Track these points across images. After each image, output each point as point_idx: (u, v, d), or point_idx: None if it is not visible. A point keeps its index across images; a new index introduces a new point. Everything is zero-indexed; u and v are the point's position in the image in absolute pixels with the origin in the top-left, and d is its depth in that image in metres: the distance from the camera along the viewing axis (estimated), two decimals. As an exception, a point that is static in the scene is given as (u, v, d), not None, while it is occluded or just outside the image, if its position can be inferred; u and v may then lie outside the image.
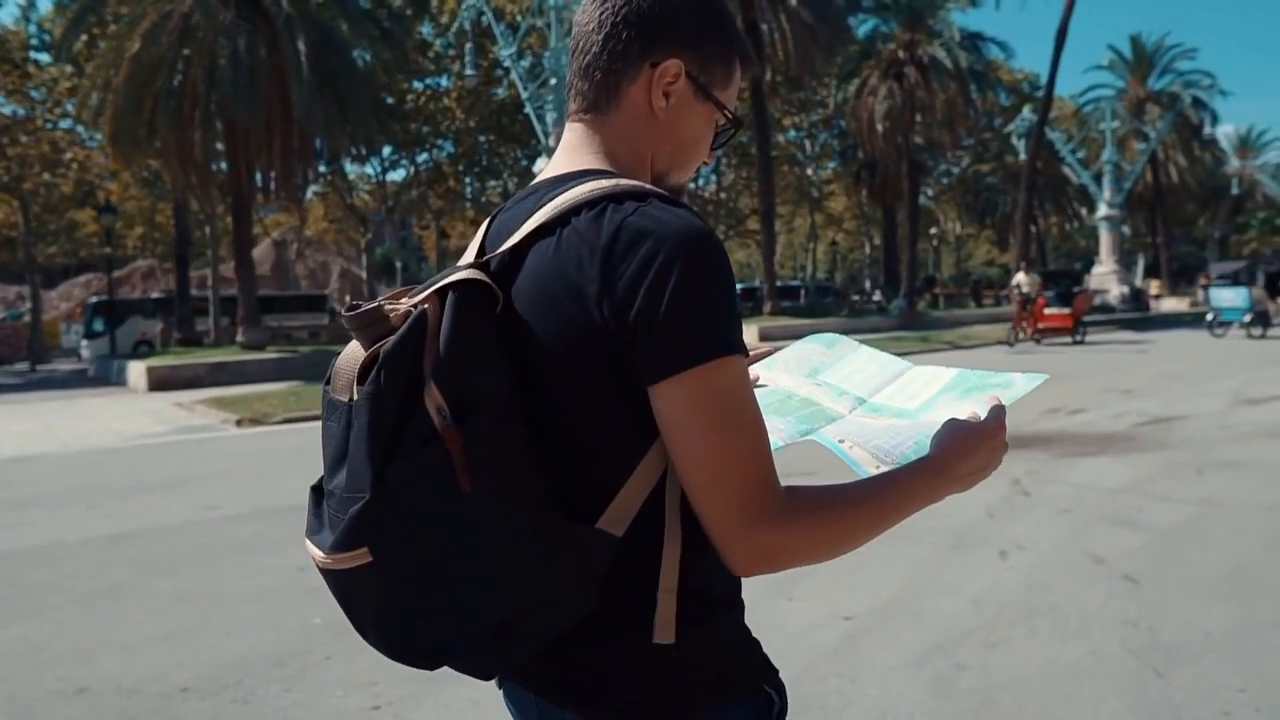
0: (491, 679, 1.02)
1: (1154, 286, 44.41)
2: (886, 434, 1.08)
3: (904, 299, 31.64)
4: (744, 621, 1.03)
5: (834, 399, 1.19)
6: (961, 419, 1.05)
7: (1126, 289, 39.53)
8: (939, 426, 1.05)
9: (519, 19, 27.85)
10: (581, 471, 0.94)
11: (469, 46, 26.76)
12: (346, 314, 0.93)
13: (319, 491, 0.98)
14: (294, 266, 53.26)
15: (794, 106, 40.38)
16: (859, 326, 28.37)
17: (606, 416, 0.93)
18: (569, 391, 0.93)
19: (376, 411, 0.87)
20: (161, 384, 17.20)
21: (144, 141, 19.86)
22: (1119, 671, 3.34)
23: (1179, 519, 5.45)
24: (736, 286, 0.97)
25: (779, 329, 24.80)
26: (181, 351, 22.04)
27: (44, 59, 29.40)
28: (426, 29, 33.77)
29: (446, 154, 37.30)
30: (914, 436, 1.06)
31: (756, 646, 1.03)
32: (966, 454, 1.02)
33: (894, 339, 23.78)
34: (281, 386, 15.83)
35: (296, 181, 21.51)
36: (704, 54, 1.05)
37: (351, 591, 0.94)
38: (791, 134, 44.23)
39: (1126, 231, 51.52)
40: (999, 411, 1.07)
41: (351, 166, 38.93)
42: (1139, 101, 48.23)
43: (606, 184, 0.95)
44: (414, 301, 0.91)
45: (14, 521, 6.55)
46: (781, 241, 61.90)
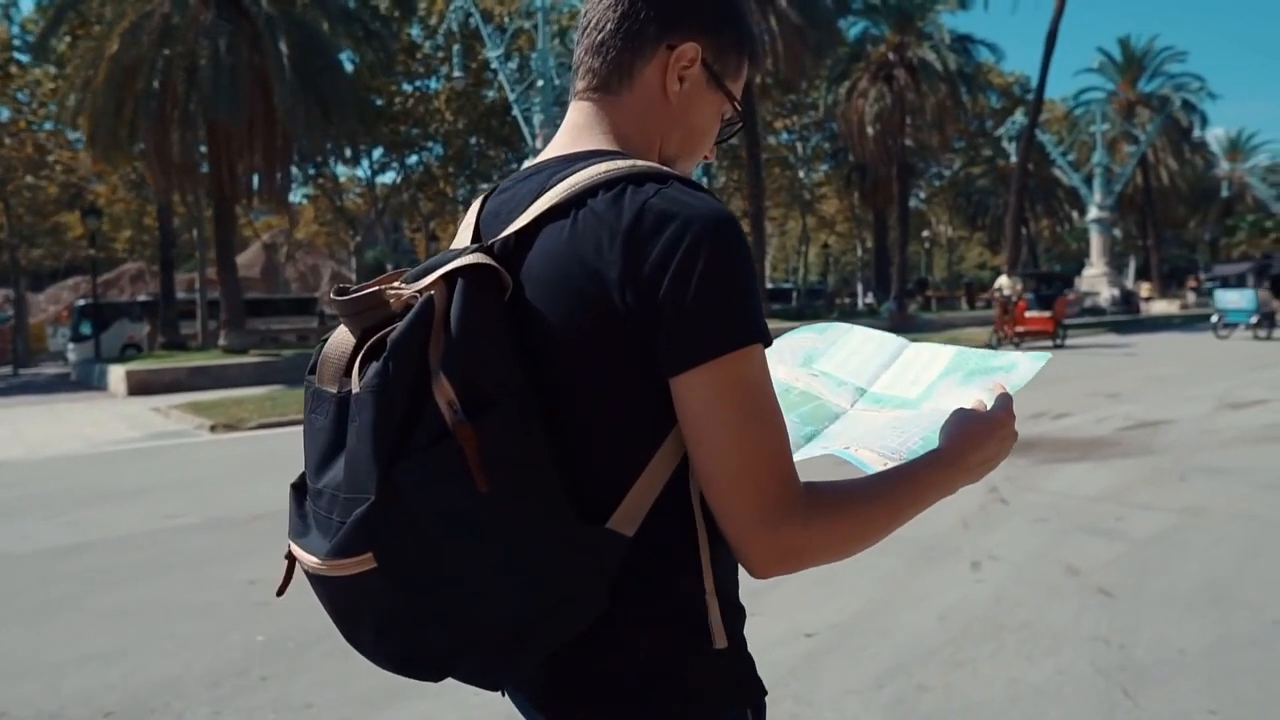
0: (500, 689, 0.96)
1: (1144, 289, 44.43)
2: (892, 431, 1.06)
3: (894, 301, 31.56)
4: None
5: (834, 390, 1.17)
6: (968, 408, 1.03)
7: (1117, 291, 39.51)
8: (945, 417, 1.02)
9: (507, 21, 27.69)
10: (591, 468, 0.90)
11: (457, 48, 26.66)
12: (336, 297, 0.87)
13: (300, 490, 0.92)
14: (284, 269, 53.01)
15: (785, 109, 40.28)
16: (849, 329, 28.26)
17: (619, 409, 0.89)
18: (580, 382, 0.89)
19: (383, 406, 0.80)
20: (141, 388, 17.01)
21: (125, 143, 19.66)
22: (1087, 692, 3.20)
23: (1158, 528, 5.32)
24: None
25: (772, 331, 24.69)
26: (164, 355, 21.83)
27: (26, 60, 29.15)
28: (416, 31, 33.62)
29: (436, 156, 37.10)
30: (920, 431, 1.04)
31: (751, 658, 0.99)
32: (977, 445, 1.00)
33: (882, 342, 23.71)
34: (261, 391, 15.64)
35: (280, 183, 21.30)
36: (720, 42, 1.02)
37: (347, 600, 0.86)
38: (784, 136, 44.13)
39: (1117, 234, 51.61)
40: (1006, 400, 1.05)
41: (342, 169, 38.84)
42: (1129, 104, 48.25)
43: (623, 164, 0.91)
44: (419, 287, 0.85)
45: (-34, 532, 6.38)
46: (774, 244, 61.84)
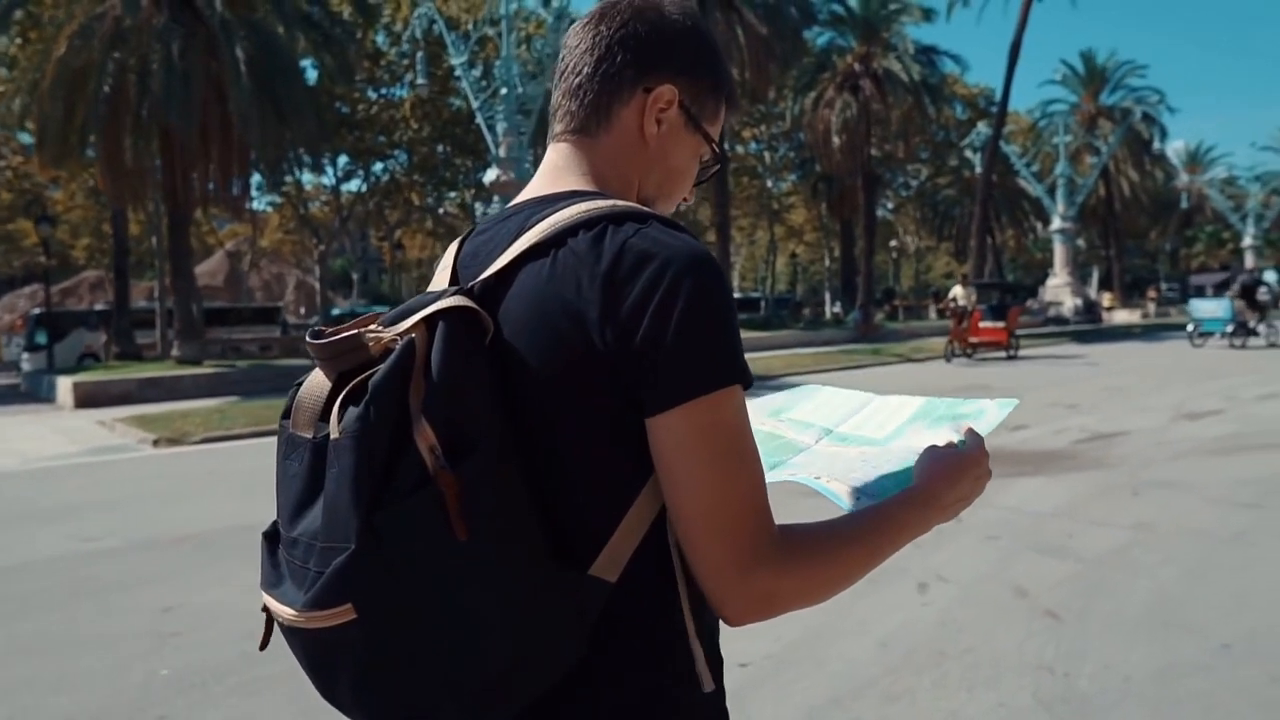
0: None
1: (1106, 299, 44.89)
2: (860, 465, 1.04)
3: (859, 311, 31.61)
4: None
5: (799, 431, 1.18)
6: (940, 446, 1.03)
7: (1080, 301, 39.88)
8: (917, 454, 1.02)
9: (470, 28, 27.47)
10: (574, 512, 0.89)
11: (420, 55, 26.40)
12: (313, 341, 0.85)
13: (272, 538, 0.89)
14: (248, 278, 52.29)
15: (753, 119, 40.34)
16: (815, 339, 28.30)
17: (599, 452, 0.88)
18: (562, 424, 0.88)
19: (364, 451, 0.79)
20: (88, 400, 16.52)
21: (76, 148, 19.20)
22: (1026, 727, 3.05)
23: (1109, 545, 5.21)
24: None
25: (734, 341, 24.59)
26: (116, 366, 21.32)
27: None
28: (381, 38, 33.29)
29: (400, 164, 36.74)
30: (888, 465, 1.03)
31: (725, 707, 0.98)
32: (952, 483, 0.99)
33: (846, 351, 23.71)
34: (213, 403, 15.28)
35: (238, 191, 20.91)
36: (697, 86, 1.03)
37: (324, 653, 0.83)
38: (752, 146, 44.21)
39: (1081, 244, 52.19)
40: (978, 439, 1.04)
41: (308, 177, 38.36)
42: (1091, 116, 48.87)
43: (603, 204, 0.91)
44: (399, 330, 0.84)
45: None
46: (743, 254, 61.97)
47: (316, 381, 0.87)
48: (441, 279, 0.99)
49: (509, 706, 0.87)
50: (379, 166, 37.09)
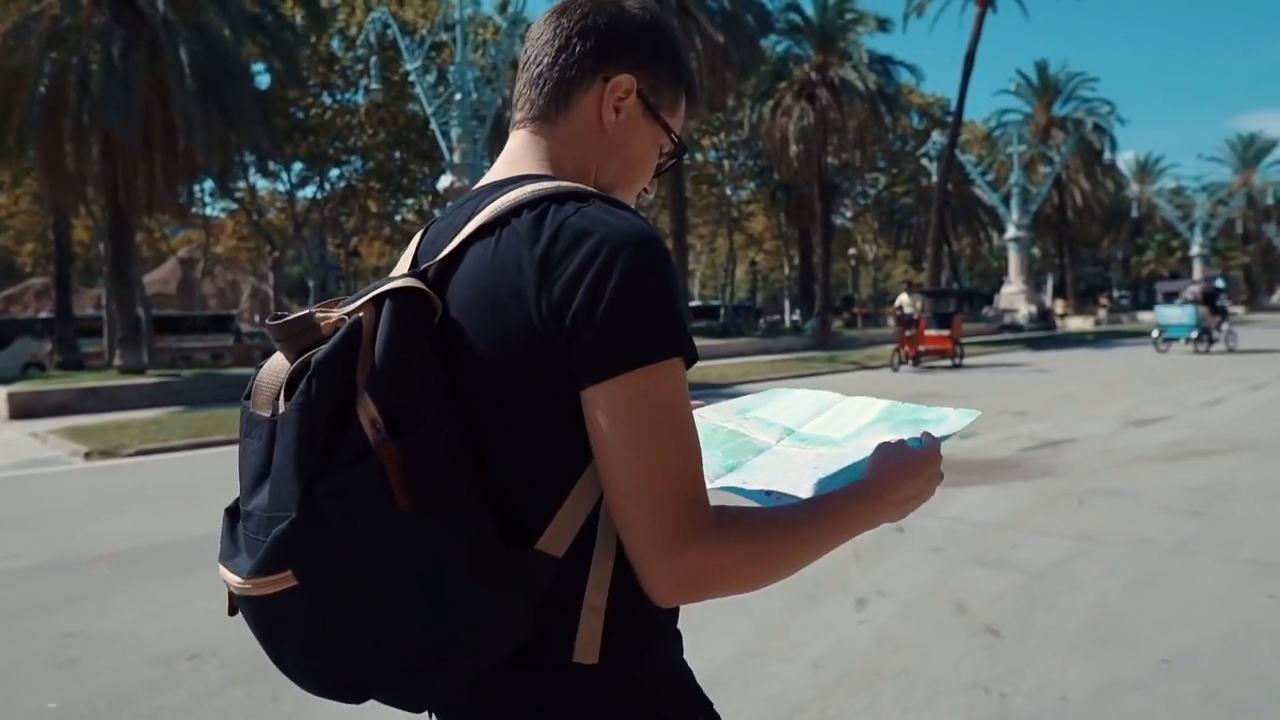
0: (422, 711, 0.95)
1: (1059, 306, 45.51)
2: (813, 470, 1.03)
3: (817, 318, 31.70)
4: (680, 652, 0.99)
5: (761, 430, 1.17)
6: (893, 442, 1.01)
7: (1035, 308, 40.39)
8: (869, 452, 1.00)
9: (425, 33, 27.19)
10: (518, 488, 0.90)
11: (374, 60, 26.06)
12: (271, 323, 0.88)
13: (234, 514, 0.93)
14: (200, 285, 51.34)
15: (712, 127, 40.39)
16: (772, 346, 28.31)
17: (545, 428, 0.89)
18: (507, 401, 0.89)
19: (306, 424, 0.82)
20: (24, 411, 15.93)
21: (13, 152, 18.64)
22: (958, 754, 2.91)
23: (1052, 557, 5.12)
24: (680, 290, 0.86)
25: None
26: (57, 376, 20.73)
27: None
28: (336, 43, 32.86)
29: (354, 170, 36.24)
30: (840, 462, 1.02)
31: (690, 679, 0.98)
32: (902, 479, 0.97)
33: (803, 359, 23.71)
34: (153, 414, 14.86)
35: (183, 196, 20.42)
36: (656, 76, 1.05)
37: (271, 620, 0.86)
38: (712, 154, 44.27)
39: (1036, 252, 52.95)
40: (934, 441, 1.03)
41: (263, 183, 37.77)
42: (1044, 126, 49.64)
43: (548, 185, 0.93)
44: (347, 310, 0.87)
45: None
46: (703, 261, 62.07)
47: (277, 362, 0.89)
48: (403, 265, 1.01)
49: (452, 680, 0.88)
50: (335, 173, 36.61)
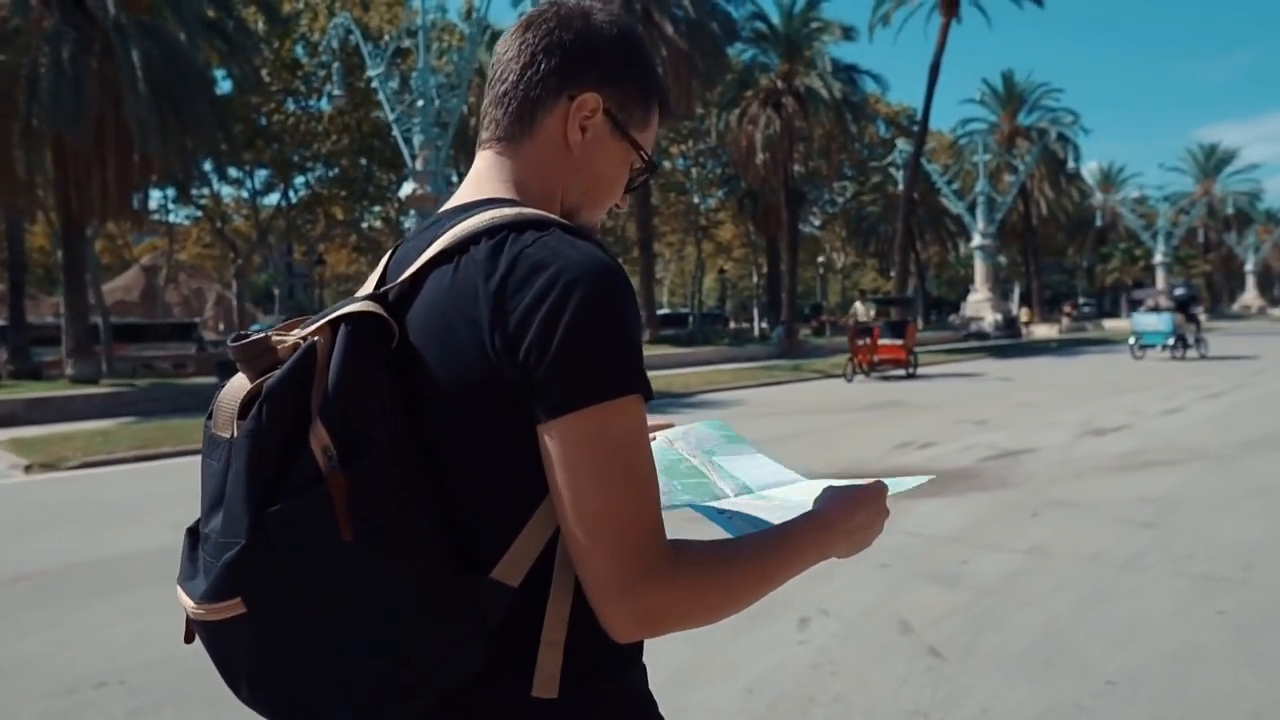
0: None
1: (1024, 314, 45.90)
2: (769, 511, 1.05)
3: (783, 327, 31.70)
4: (644, 683, 0.98)
5: (722, 479, 1.18)
6: (841, 484, 1.04)
7: (1000, 316, 40.68)
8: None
9: (387, 39, 26.93)
10: (475, 517, 0.89)
11: (337, 65, 25.77)
12: (232, 344, 0.88)
13: (194, 534, 0.92)
14: (164, 293, 50.56)
15: (680, 135, 40.38)
16: (739, 355, 28.26)
17: (501, 458, 0.88)
18: (462, 429, 0.88)
19: (256, 450, 0.82)
20: (-33, 423, 15.54)
21: (-39, 157, 18.16)
22: (890, 788, 2.78)
23: (1003, 572, 5.01)
24: (640, 324, 0.90)
25: (660, 357, 24.50)
26: (7, 385, 20.21)
27: None
28: (300, 49, 32.47)
29: (318, 177, 35.80)
30: (796, 509, 1.02)
31: (653, 710, 0.98)
32: (851, 509, 0.99)
33: (767, 368, 23.67)
34: (102, 424, 14.47)
35: (137, 203, 20.01)
36: (623, 93, 1.03)
37: (224, 645, 0.86)
38: (679, 162, 44.25)
39: (1002, 260, 53.40)
40: (880, 483, 1.05)
41: (228, 190, 37.23)
42: (1010, 136, 50.12)
43: (509, 212, 0.92)
44: (304, 333, 0.86)
45: None
46: (673, 270, 62.09)
47: (238, 383, 0.88)
48: (370, 285, 0.99)
49: (405, 708, 0.87)
50: (300, 180, 36.13)
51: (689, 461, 1.19)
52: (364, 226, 41.98)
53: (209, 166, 28.44)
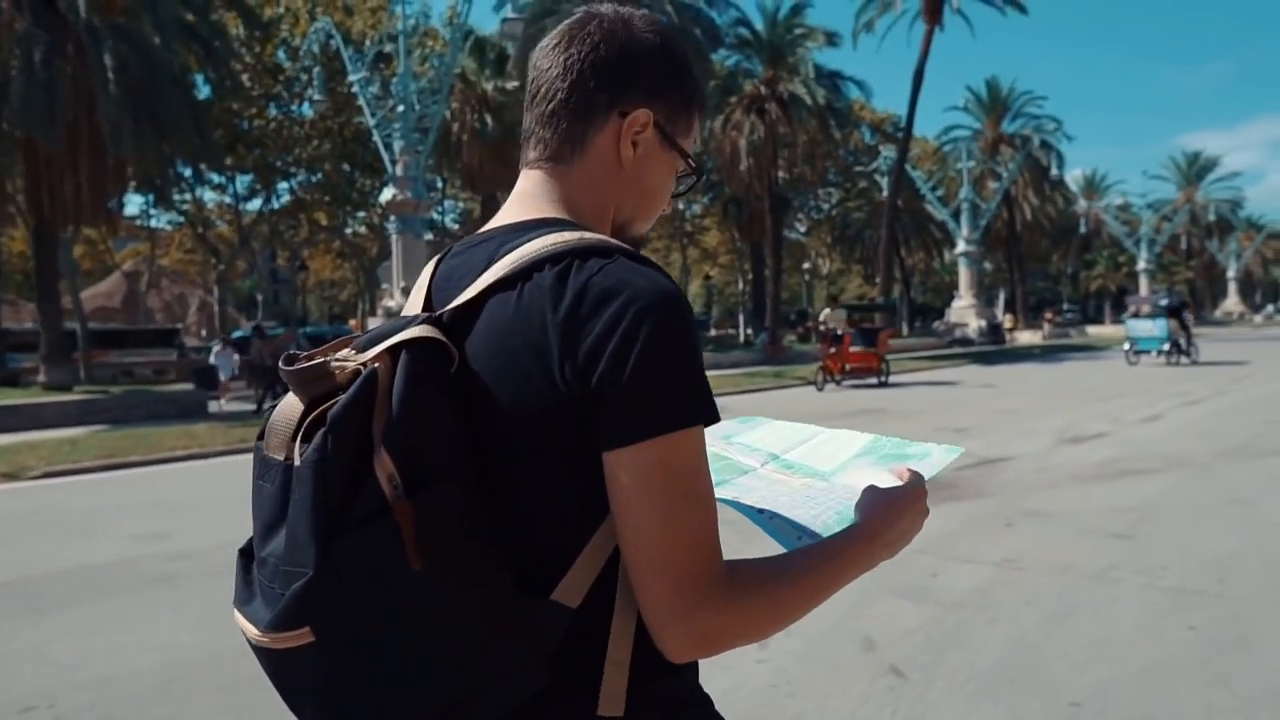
0: None
1: (1008, 320, 46.01)
2: (805, 501, 1.06)
3: (767, 333, 31.64)
4: (699, 689, 0.99)
5: (745, 455, 1.21)
6: (881, 485, 1.03)
7: (984, 323, 40.75)
8: (859, 492, 1.03)
9: (368, 44, 26.77)
10: (536, 540, 0.90)
11: (317, 70, 25.61)
12: (285, 367, 0.88)
13: (247, 555, 0.93)
14: (146, 299, 50.16)
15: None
16: (723, 361, 28.17)
17: (561, 482, 0.89)
18: (523, 454, 0.89)
19: (322, 480, 0.81)
20: (-65, 431, 15.28)
21: (-69, 161, 17.91)
22: (840, 819, 2.65)
23: (972, 585, 4.90)
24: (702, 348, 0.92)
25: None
26: (-22, 393, 19.92)
27: None
28: (282, 54, 32.27)
29: (300, 182, 35.56)
30: (834, 505, 1.04)
31: (710, 709, 1.00)
32: (893, 520, 0.99)
33: (750, 374, 23.58)
34: (73, 432, 14.27)
35: (113, 208, 19.77)
36: (670, 104, 1.03)
37: (289, 673, 0.87)
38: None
39: (987, 267, 53.56)
40: (919, 478, 1.05)
41: (210, 195, 36.94)
42: (993, 142, 50.25)
43: (570, 237, 0.92)
44: (363, 359, 0.86)
45: None
46: (658, 275, 61.91)
47: (290, 404, 0.88)
48: (416, 302, 0.99)
49: None
50: (283, 185, 35.89)
51: (709, 451, 1.15)
52: (347, 232, 41.73)
53: (189, 172, 28.08)
